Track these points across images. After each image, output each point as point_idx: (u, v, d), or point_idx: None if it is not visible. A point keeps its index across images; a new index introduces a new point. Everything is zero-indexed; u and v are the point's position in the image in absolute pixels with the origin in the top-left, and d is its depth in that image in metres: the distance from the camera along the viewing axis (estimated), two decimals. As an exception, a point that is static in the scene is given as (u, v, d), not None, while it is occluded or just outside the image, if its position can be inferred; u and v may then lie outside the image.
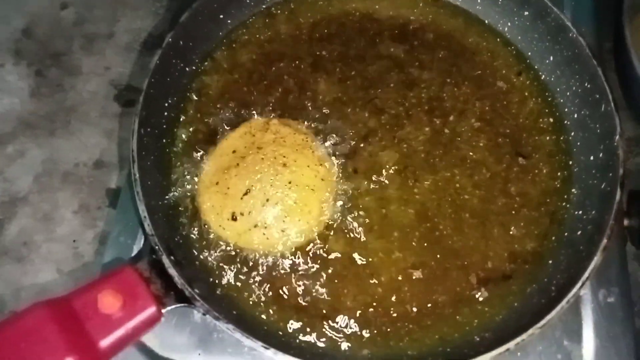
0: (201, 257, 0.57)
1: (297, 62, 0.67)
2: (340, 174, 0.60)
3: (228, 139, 0.61)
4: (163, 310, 0.50)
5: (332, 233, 0.58)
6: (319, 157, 0.60)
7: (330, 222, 0.58)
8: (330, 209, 0.59)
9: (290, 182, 0.58)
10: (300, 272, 0.56)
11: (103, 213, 0.68)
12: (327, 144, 0.62)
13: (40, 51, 0.78)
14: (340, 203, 0.59)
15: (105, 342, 0.47)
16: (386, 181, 0.60)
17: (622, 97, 0.69)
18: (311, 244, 0.57)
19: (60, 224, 0.68)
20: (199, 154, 0.61)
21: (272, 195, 0.57)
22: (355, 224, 0.58)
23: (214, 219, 0.58)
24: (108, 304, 0.47)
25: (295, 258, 0.57)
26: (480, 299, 0.56)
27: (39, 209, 0.68)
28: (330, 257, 0.57)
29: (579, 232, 0.57)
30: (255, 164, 0.58)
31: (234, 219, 0.57)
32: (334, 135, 0.62)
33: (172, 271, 0.51)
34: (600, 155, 0.59)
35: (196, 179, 0.60)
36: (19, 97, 0.75)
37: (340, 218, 0.59)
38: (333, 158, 0.61)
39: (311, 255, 0.57)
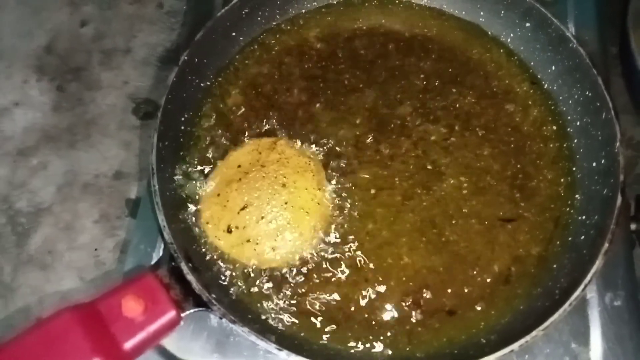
0: (218, 264, 0.58)
1: (306, 76, 0.68)
2: (345, 185, 0.62)
3: (236, 153, 0.63)
4: (182, 314, 0.52)
5: (341, 240, 0.59)
6: (318, 181, 0.61)
7: (338, 232, 0.60)
8: (339, 216, 0.60)
9: (286, 203, 0.59)
10: (312, 280, 0.58)
11: (123, 222, 0.70)
12: (334, 154, 0.63)
13: (61, 67, 0.80)
14: (348, 210, 0.61)
15: (128, 345, 0.48)
16: (393, 189, 0.62)
17: (630, 101, 0.70)
18: (322, 254, 0.59)
19: (82, 233, 0.69)
20: (210, 167, 0.63)
21: (268, 214, 0.58)
22: (364, 232, 0.60)
23: (211, 229, 0.59)
24: (131, 308, 0.49)
25: (306, 266, 0.58)
26: (488, 302, 0.57)
27: (62, 218, 0.70)
28: (340, 263, 0.58)
29: (583, 237, 0.58)
30: (257, 181, 0.60)
31: (229, 231, 0.58)
32: (340, 145, 0.64)
33: (190, 277, 0.52)
34: (602, 161, 0.60)
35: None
36: (42, 111, 0.77)
37: (349, 225, 0.60)
38: (338, 166, 0.63)
39: (322, 262, 0.58)
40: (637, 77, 0.67)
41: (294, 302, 0.57)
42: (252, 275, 0.58)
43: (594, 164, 0.61)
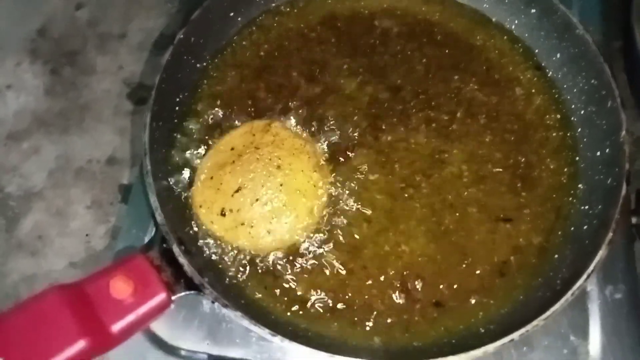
0: (211, 247, 0.57)
1: (305, 59, 0.67)
2: (344, 171, 0.61)
3: (229, 136, 0.62)
4: (173, 297, 0.51)
5: (338, 227, 0.58)
6: (314, 164, 0.60)
7: (335, 217, 0.59)
8: (335, 204, 0.59)
9: (281, 185, 0.58)
10: (306, 265, 0.57)
11: (115, 208, 0.69)
12: (332, 138, 0.62)
13: (55, 50, 0.79)
14: (346, 196, 0.60)
15: (116, 327, 0.47)
16: (393, 176, 0.61)
17: (632, 96, 0.69)
18: (318, 238, 0.58)
19: (74, 219, 0.69)
20: (203, 149, 0.62)
21: (262, 196, 0.57)
22: (362, 218, 0.59)
23: (204, 212, 0.58)
24: (120, 289, 0.47)
25: (302, 251, 0.57)
26: (487, 292, 0.56)
27: (53, 204, 0.70)
28: (337, 249, 0.58)
29: (585, 227, 0.57)
30: (251, 163, 0.59)
31: (222, 214, 0.57)
32: (339, 130, 0.63)
33: (182, 260, 0.51)
34: (607, 150, 0.59)
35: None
36: (34, 95, 0.76)
37: (347, 211, 0.59)
38: (336, 150, 0.61)
39: (319, 247, 0.58)
40: (641, 71, 0.66)
41: (289, 287, 0.56)
42: (246, 259, 0.57)
43: (598, 154, 0.60)
